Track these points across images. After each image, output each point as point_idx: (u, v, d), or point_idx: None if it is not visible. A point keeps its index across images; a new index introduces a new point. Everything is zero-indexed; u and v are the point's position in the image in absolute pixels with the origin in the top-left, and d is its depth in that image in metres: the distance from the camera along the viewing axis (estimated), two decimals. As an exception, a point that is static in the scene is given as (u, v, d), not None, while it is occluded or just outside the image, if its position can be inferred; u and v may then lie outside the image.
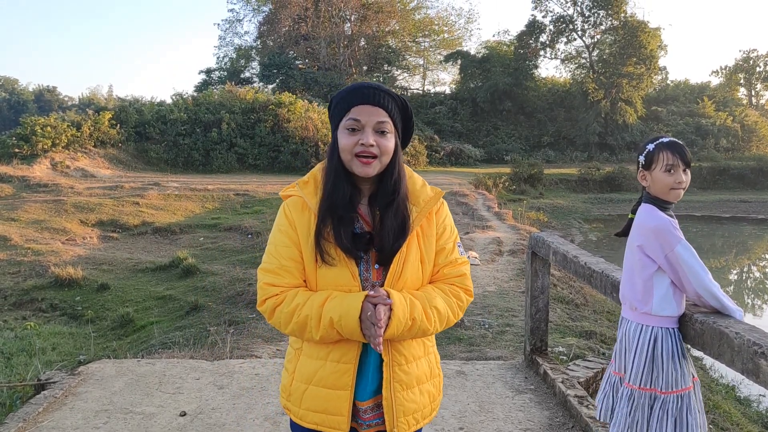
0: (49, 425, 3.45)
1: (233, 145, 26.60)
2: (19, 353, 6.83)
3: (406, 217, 1.67)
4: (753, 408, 6.08)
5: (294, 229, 1.68)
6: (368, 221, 1.69)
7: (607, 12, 37.18)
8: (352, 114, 1.63)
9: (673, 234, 2.17)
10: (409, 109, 1.73)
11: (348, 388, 1.65)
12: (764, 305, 12.87)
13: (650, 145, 2.29)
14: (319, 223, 1.64)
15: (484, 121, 38.09)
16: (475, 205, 17.54)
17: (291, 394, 1.73)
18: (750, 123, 39.73)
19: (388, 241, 1.64)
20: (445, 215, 1.79)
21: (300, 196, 1.71)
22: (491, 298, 7.26)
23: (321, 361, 1.67)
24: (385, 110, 1.64)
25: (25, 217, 14.43)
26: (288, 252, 1.67)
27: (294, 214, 1.70)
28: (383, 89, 1.67)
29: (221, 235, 13.71)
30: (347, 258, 1.63)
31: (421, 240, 1.72)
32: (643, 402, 2.23)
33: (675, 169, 2.23)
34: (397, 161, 1.68)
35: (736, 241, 20.34)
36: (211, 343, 5.71)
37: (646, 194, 2.33)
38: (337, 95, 1.70)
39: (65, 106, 69.99)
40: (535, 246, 4.24)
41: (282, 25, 40.97)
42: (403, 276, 1.66)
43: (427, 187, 1.77)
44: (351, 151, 1.63)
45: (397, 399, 1.67)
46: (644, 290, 2.25)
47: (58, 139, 23.31)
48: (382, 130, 1.64)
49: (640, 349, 2.24)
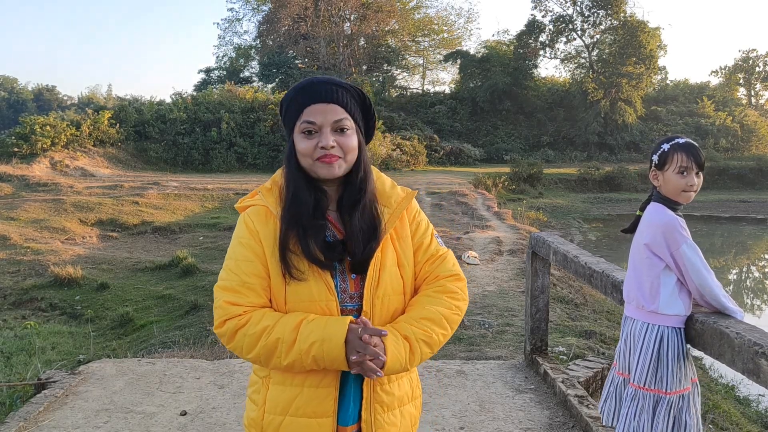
0: (49, 424, 3.45)
1: (233, 144, 26.60)
2: (19, 352, 6.84)
3: (376, 218, 1.55)
4: (752, 408, 6.09)
5: (258, 242, 1.52)
6: (339, 228, 1.55)
7: (607, 12, 37.20)
8: (305, 116, 1.50)
9: (680, 233, 2.17)
10: (368, 100, 1.59)
11: (330, 415, 1.49)
12: (763, 305, 12.89)
13: (665, 145, 2.26)
14: (283, 236, 1.49)
15: (483, 121, 38.09)
16: (474, 204, 17.54)
17: (264, 429, 1.53)
18: (749, 123, 39.76)
19: (359, 245, 1.51)
20: (416, 210, 1.67)
21: (263, 205, 1.55)
22: (491, 298, 7.26)
23: (297, 387, 1.50)
24: (342, 106, 1.52)
25: (25, 216, 14.42)
26: (250, 267, 1.50)
27: (257, 224, 1.53)
28: (335, 82, 1.54)
29: (221, 235, 13.71)
30: (321, 270, 1.49)
31: (396, 243, 1.59)
32: (647, 403, 2.22)
33: (688, 172, 2.22)
34: (362, 159, 1.56)
35: (735, 241, 20.35)
36: (211, 343, 5.72)
37: (656, 193, 2.31)
38: (286, 96, 1.57)
39: (64, 105, 70.08)
40: (535, 246, 4.24)
41: (281, 25, 40.98)
42: (382, 283, 1.53)
43: (398, 188, 1.66)
44: (311, 155, 1.50)
45: (377, 422, 1.53)
46: (651, 288, 2.23)
47: (58, 138, 23.31)
48: (341, 128, 1.51)
49: (645, 348, 2.23)
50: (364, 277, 1.53)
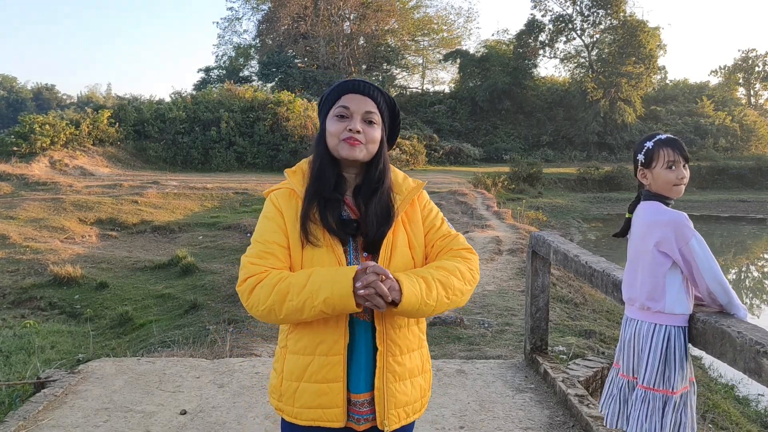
0: (49, 423, 3.44)
1: (232, 143, 26.59)
2: (18, 352, 6.82)
3: (390, 204, 1.72)
4: (752, 407, 6.09)
5: (281, 216, 1.70)
6: (354, 210, 1.72)
7: (607, 11, 37.21)
8: (341, 102, 1.70)
9: (688, 227, 2.17)
10: (397, 109, 1.79)
11: (340, 380, 1.64)
12: (762, 305, 12.89)
13: (649, 143, 2.28)
14: (306, 205, 1.67)
15: (483, 121, 38.10)
16: (474, 204, 17.54)
17: (282, 394, 1.71)
18: (749, 123, 39.78)
19: (372, 227, 1.67)
20: (427, 199, 1.84)
21: (288, 187, 1.74)
22: (491, 297, 7.26)
23: (309, 356, 1.66)
24: (374, 101, 1.71)
25: (24, 215, 14.41)
26: (274, 237, 1.68)
27: (281, 201, 1.73)
28: (373, 84, 1.74)
29: (220, 234, 13.70)
30: (333, 239, 1.65)
31: (407, 226, 1.76)
32: (657, 404, 2.21)
33: (676, 165, 2.23)
34: (382, 153, 1.74)
35: (734, 241, 20.35)
36: (211, 342, 5.72)
37: (645, 192, 2.31)
38: (328, 89, 1.76)
39: (64, 104, 69.97)
40: (535, 245, 4.24)
41: (281, 24, 40.95)
42: (393, 262, 1.67)
43: (409, 179, 1.83)
44: (338, 135, 1.67)
45: (389, 390, 1.66)
46: (657, 289, 2.22)
47: (57, 137, 23.28)
48: (369, 120, 1.69)
49: (653, 350, 2.21)
50: (375, 257, 1.68)
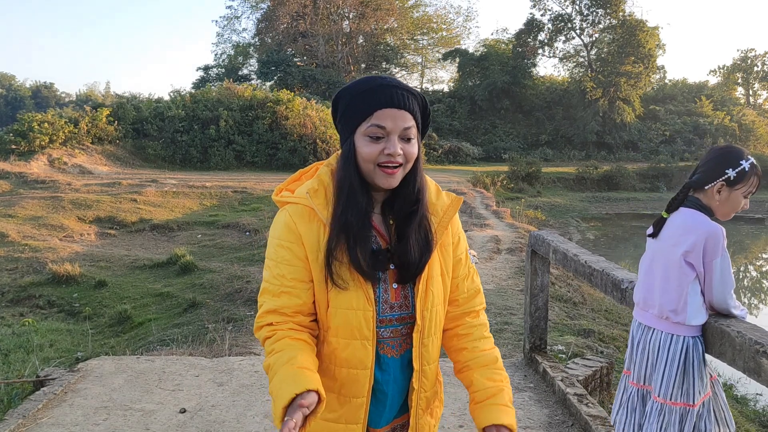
0: (48, 422, 3.44)
1: (231, 142, 26.55)
2: (17, 350, 6.82)
3: (429, 230, 1.50)
4: (750, 407, 6.09)
5: (300, 245, 1.45)
6: (383, 234, 1.51)
7: (606, 11, 37.18)
8: (375, 119, 1.42)
9: (722, 245, 2.10)
10: (428, 107, 1.54)
11: (360, 422, 1.51)
12: (761, 304, 12.92)
13: (746, 164, 2.11)
14: (331, 242, 1.43)
15: (482, 120, 38.08)
16: (473, 203, 17.55)
17: None
18: (747, 122, 39.81)
19: (413, 258, 1.46)
20: (458, 223, 1.64)
21: (307, 205, 1.47)
22: (490, 297, 7.26)
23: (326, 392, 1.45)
24: (411, 114, 1.45)
25: (23, 213, 14.39)
26: (292, 272, 1.45)
27: (300, 225, 1.46)
28: (405, 87, 1.47)
29: (219, 233, 13.69)
30: (364, 280, 1.44)
31: (439, 252, 1.55)
32: (674, 417, 2.13)
33: (750, 196, 2.14)
34: (418, 168, 1.49)
35: (733, 241, 20.38)
36: (210, 341, 5.72)
37: (695, 199, 2.17)
38: (351, 92, 1.47)
39: (62, 102, 69.96)
40: (535, 244, 4.24)
41: (280, 23, 40.90)
42: (429, 293, 1.50)
43: (443, 194, 1.59)
44: (374, 161, 1.43)
45: (420, 425, 1.58)
46: (680, 300, 2.14)
47: (56, 135, 23.24)
48: (408, 137, 1.44)
49: (671, 361, 2.14)
50: (404, 287, 1.51)
